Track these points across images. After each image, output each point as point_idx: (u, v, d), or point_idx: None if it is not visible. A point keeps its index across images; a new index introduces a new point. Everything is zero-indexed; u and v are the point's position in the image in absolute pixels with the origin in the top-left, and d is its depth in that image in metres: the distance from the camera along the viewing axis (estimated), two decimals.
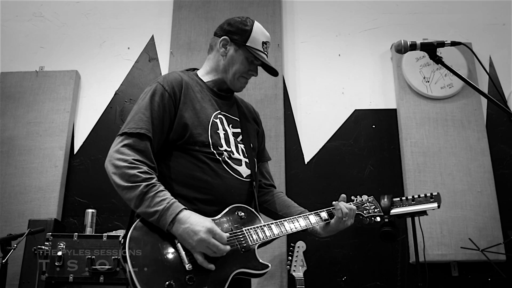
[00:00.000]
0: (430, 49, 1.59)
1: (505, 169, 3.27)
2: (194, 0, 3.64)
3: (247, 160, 1.68)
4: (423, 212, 2.48)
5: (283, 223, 1.61)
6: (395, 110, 3.41)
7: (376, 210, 1.82)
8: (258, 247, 1.53)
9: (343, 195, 1.75)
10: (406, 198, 2.50)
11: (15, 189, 3.17)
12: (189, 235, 1.38)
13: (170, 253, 1.40)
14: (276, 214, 1.80)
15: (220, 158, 1.59)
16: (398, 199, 2.52)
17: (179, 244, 1.41)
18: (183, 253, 1.40)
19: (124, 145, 1.51)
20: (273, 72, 1.75)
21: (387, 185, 3.22)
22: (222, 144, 1.62)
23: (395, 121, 3.37)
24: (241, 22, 1.72)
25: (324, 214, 1.71)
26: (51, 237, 2.58)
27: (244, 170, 1.65)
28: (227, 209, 1.56)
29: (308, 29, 3.65)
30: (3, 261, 2.28)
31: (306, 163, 3.31)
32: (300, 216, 1.67)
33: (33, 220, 2.81)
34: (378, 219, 1.81)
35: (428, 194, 2.46)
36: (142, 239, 1.40)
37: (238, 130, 1.73)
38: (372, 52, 3.58)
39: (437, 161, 3.18)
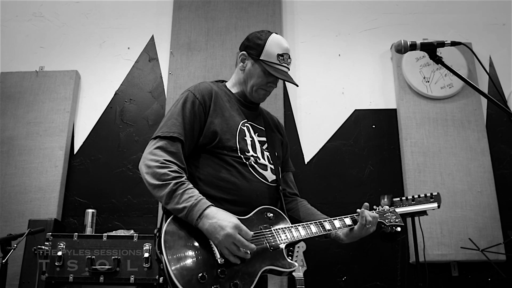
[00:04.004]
0: (430, 49, 1.59)
1: (505, 169, 3.27)
2: (194, 0, 3.64)
3: (272, 166, 1.76)
4: (423, 212, 2.47)
5: (309, 226, 1.67)
6: (395, 110, 3.41)
7: (397, 220, 1.86)
8: (285, 247, 1.58)
9: (366, 204, 1.78)
10: (406, 198, 2.50)
11: (15, 189, 3.17)
12: (215, 229, 1.43)
13: (202, 246, 1.46)
14: (300, 222, 1.83)
15: (247, 162, 1.68)
16: (398, 199, 2.51)
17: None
18: (215, 247, 1.46)
19: (157, 147, 1.59)
20: (294, 82, 1.78)
21: (387, 185, 3.22)
22: (249, 150, 1.71)
23: (395, 121, 3.37)
24: (257, 36, 1.79)
25: (348, 220, 1.75)
26: (51, 237, 2.58)
27: (270, 175, 1.73)
28: (256, 210, 1.63)
29: (308, 29, 3.65)
30: (3, 261, 2.28)
31: (306, 163, 3.31)
32: (326, 220, 1.71)
33: (33, 220, 2.82)
34: (399, 229, 1.86)
35: (428, 194, 2.45)
36: (176, 233, 1.47)
37: (264, 139, 1.81)
38: (372, 52, 3.58)
39: (437, 161, 3.18)
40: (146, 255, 2.53)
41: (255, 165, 1.70)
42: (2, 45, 3.63)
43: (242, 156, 1.67)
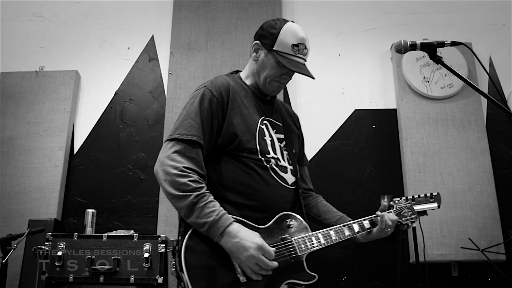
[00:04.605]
0: (430, 49, 1.59)
1: (505, 169, 3.27)
2: (194, 0, 3.64)
3: (291, 167, 1.70)
4: (423, 212, 2.47)
5: (329, 233, 1.62)
6: (395, 110, 3.41)
7: (413, 216, 1.84)
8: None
9: (385, 204, 1.78)
10: (406, 198, 2.50)
11: (15, 189, 3.17)
12: (238, 250, 1.39)
13: (224, 263, 1.42)
14: (315, 219, 1.82)
15: (268, 166, 1.61)
16: (398, 199, 2.52)
17: None
18: (236, 264, 1.42)
19: (175, 152, 1.50)
20: (309, 75, 1.68)
21: (387, 185, 3.22)
22: (269, 151, 1.64)
23: (395, 121, 3.37)
24: (270, 25, 1.69)
25: (366, 224, 1.71)
26: (51, 237, 2.58)
27: (290, 178, 1.67)
28: (277, 217, 1.57)
29: (308, 29, 3.59)
30: (3, 261, 2.28)
31: None
32: (345, 225, 1.67)
33: (33, 220, 2.82)
34: (415, 224, 1.85)
35: (428, 194, 2.45)
36: (196, 249, 1.42)
37: (282, 135, 1.74)
38: (372, 52, 3.58)
39: (437, 161, 3.18)
40: (146, 255, 2.52)
41: (276, 168, 1.63)
42: (2, 45, 3.63)
43: (262, 158, 1.60)
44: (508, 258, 2.95)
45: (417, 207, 2.46)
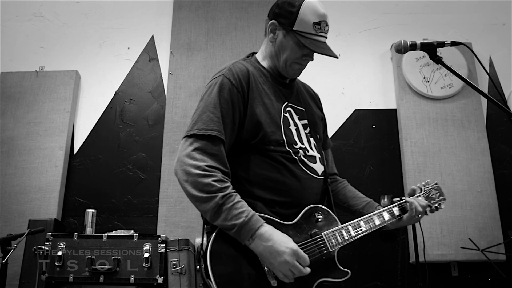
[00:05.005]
0: (430, 49, 1.58)
1: (505, 169, 3.27)
2: (194, 0, 3.64)
3: (319, 155, 1.59)
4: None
5: (359, 223, 1.53)
6: (395, 110, 3.41)
7: (441, 198, 1.78)
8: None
9: (414, 187, 1.72)
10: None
11: (15, 189, 3.17)
12: (271, 254, 1.29)
13: (253, 267, 1.33)
14: (341, 206, 1.73)
15: (296, 158, 1.49)
16: (398, 199, 2.52)
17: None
18: (269, 269, 1.33)
19: (195, 149, 1.37)
20: (332, 54, 1.56)
21: (387, 185, 3.22)
22: (296, 141, 1.52)
23: (395, 121, 3.37)
24: (288, 2, 1.54)
25: (396, 210, 1.64)
26: (51, 237, 2.58)
27: (319, 167, 1.56)
28: (304, 211, 1.47)
29: None
30: (3, 261, 2.28)
31: None
32: (375, 214, 1.58)
33: (33, 220, 2.82)
34: (443, 206, 1.78)
35: None
36: (223, 253, 1.32)
37: (305, 121, 1.62)
38: (372, 52, 3.57)
39: (437, 161, 3.18)
40: (146, 255, 2.53)
41: (305, 159, 1.51)
42: (2, 45, 3.63)
43: (290, 150, 1.48)
44: (508, 258, 2.95)
45: None
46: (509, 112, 1.53)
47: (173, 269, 2.56)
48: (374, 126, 3.40)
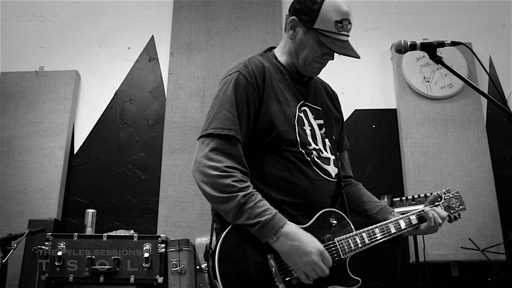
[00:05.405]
0: (430, 49, 1.58)
1: (505, 169, 3.27)
2: (194, 0, 3.64)
3: (333, 157, 1.55)
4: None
5: (374, 231, 1.49)
6: (395, 110, 3.41)
7: (461, 207, 1.73)
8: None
9: (435, 194, 1.68)
10: (406, 198, 2.51)
11: (15, 189, 3.17)
12: (297, 254, 1.27)
13: (261, 271, 1.30)
14: (354, 210, 1.69)
15: (309, 159, 1.45)
16: (398, 199, 2.52)
17: (271, 261, 1.31)
18: (276, 272, 1.30)
19: (212, 149, 1.34)
20: (354, 55, 1.52)
21: (387, 185, 3.22)
22: (310, 142, 1.48)
23: (395, 121, 3.37)
24: None
25: (414, 219, 1.58)
26: (51, 237, 2.58)
27: (333, 169, 1.52)
28: (318, 214, 1.43)
29: None
30: (3, 261, 2.28)
31: None
32: (391, 222, 1.54)
33: (33, 220, 2.82)
34: (462, 215, 1.73)
35: (428, 194, 2.46)
36: (231, 254, 1.29)
37: (321, 121, 1.57)
38: (372, 52, 3.57)
39: (437, 161, 3.18)
40: (146, 255, 2.53)
41: (318, 161, 1.47)
42: (2, 45, 3.63)
43: (303, 151, 1.44)
44: (508, 258, 2.95)
45: (417, 207, 2.47)
46: (509, 112, 1.53)
47: (173, 269, 2.56)
48: (374, 126, 3.40)
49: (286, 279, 1.31)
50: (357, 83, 3.51)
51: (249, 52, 3.48)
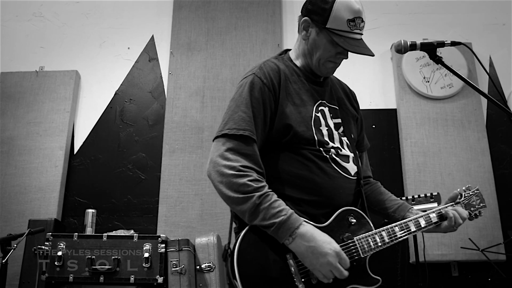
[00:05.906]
0: (430, 49, 1.58)
1: (505, 169, 3.27)
2: (194, 0, 3.64)
3: (353, 155, 1.54)
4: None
5: (393, 229, 1.48)
6: (395, 110, 3.41)
7: (481, 205, 1.70)
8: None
9: (456, 192, 1.66)
10: (406, 198, 2.51)
11: (15, 189, 3.17)
12: (314, 255, 1.26)
13: (280, 270, 1.30)
14: (372, 209, 1.68)
15: (327, 156, 1.45)
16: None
17: (290, 261, 1.30)
18: (296, 272, 1.30)
19: (228, 149, 1.34)
20: (368, 53, 1.52)
21: (387, 185, 3.18)
22: (327, 142, 1.47)
23: (395, 121, 3.37)
24: None
25: (434, 217, 1.58)
26: (51, 237, 2.58)
27: (352, 167, 1.51)
28: (337, 213, 1.42)
29: None
30: (3, 261, 2.28)
31: None
32: (411, 221, 1.52)
33: (33, 220, 2.82)
34: (483, 213, 1.72)
35: (428, 194, 2.46)
36: (250, 253, 1.29)
37: (339, 120, 1.57)
38: (372, 52, 3.57)
39: (437, 161, 3.18)
40: (146, 255, 2.53)
41: (337, 158, 1.46)
42: (2, 45, 3.63)
43: (321, 149, 1.44)
44: (508, 258, 2.95)
45: (417, 207, 2.47)
46: (509, 112, 1.53)
47: (173, 269, 2.56)
48: (374, 126, 3.40)
49: (306, 278, 1.30)
50: (357, 83, 3.50)
51: (249, 52, 3.48)
